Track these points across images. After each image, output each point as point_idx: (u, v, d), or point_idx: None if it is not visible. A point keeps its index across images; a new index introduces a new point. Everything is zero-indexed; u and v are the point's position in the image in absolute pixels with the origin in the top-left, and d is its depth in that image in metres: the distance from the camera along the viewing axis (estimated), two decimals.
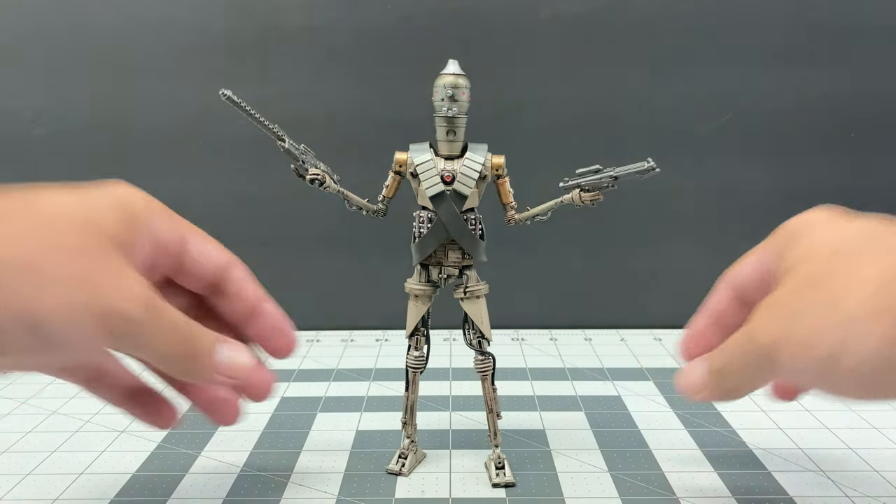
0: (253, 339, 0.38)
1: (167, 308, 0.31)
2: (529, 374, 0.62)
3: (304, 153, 0.41)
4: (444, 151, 0.42)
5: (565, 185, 0.43)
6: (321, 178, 0.40)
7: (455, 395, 0.58)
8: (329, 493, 0.43)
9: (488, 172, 0.42)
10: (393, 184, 0.44)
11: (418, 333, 0.45)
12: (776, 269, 0.36)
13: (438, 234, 0.42)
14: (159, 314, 0.31)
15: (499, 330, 0.73)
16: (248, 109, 0.39)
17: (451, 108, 0.40)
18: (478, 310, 0.44)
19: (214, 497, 0.43)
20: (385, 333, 0.73)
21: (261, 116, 0.40)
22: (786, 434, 0.51)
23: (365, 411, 0.55)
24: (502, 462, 0.45)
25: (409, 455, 0.46)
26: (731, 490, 0.43)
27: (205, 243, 0.36)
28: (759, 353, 0.32)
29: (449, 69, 0.41)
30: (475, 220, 0.43)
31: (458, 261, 0.43)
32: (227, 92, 0.38)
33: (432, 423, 0.53)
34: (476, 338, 0.44)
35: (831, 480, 0.45)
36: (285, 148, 0.40)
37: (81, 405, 0.56)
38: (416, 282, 0.44)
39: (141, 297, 0.30)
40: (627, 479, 0.45)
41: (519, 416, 0.54)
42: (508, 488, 0.44)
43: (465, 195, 0.42)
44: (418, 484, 0.44)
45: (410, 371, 0.46)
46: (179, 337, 0.32)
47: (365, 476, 0.45)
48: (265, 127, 0.40)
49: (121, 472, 0.46)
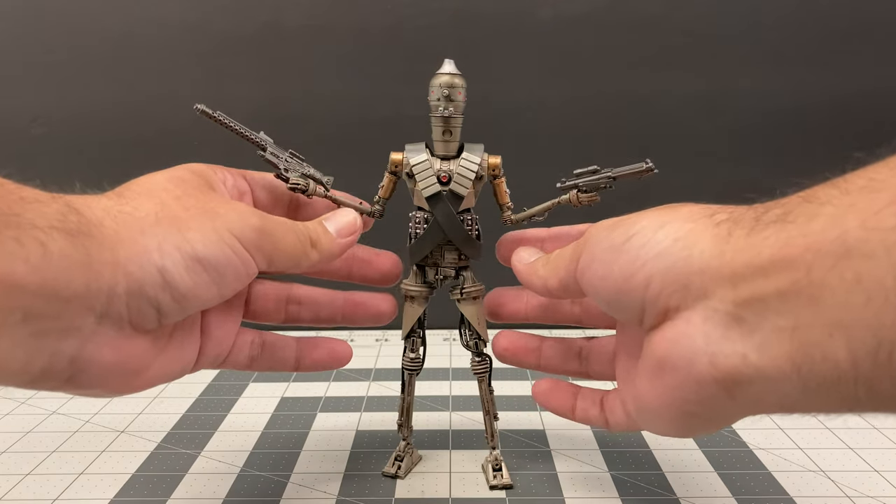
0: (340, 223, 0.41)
1: (271, 215, 0.35)
2: (529, 374, 0.62)
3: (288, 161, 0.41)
4: (440, 151, 0.42)
5: (563, 185, 0.43)
6: (302, 187, 0.40)
7: (455, 395, 0.58)
8: (329, 493, 0.43)
9: (485, 173, 0.42)
10: (388, 184, 0.44)
11: (414, 335, 0.45)
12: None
13: (435, 234, 0.42)
14: (273, 219, 0.35)
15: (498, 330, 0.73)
16: (224, 121, 0.39)
17: (447, 108, 0.40)
18: (474, 311, 0.44)
19: (214, 497, 0.43)
20: (385, 333, 0.73)
21: (240, 127, 0.40)
22: (786, 434, 0.51)
23: (365, 411, 0.55)
24: (499, 464, 0.45)
25: (405, 457, 0.46)
26: (731, 490, 0.43)
27: (263, 175, 0.41)
28: (574, 257, 0.34)
29: (445, 69, 0.41)
30: (472, 221, 0.43)
31: (454, 262, 0.43)
32: (200, 106, 0.39)
33: (432, 423, 0.53)
34: (473, 339, 0.44)
35: (831, 480, 0.44)
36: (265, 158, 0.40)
37: (81, 405, 0.56)
38: (412, 283, 0.44)
39: (252, 210, 0.34)
40: (627, 479, 0.45)
41: (519, 416, 0.54)
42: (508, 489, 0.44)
43: (462, 196, 0.42)
44: (418, 484, 0.44)
45: (406, 373, 0.45)
46: (295, 230, 0.36)
47: (365, 476, 0.45)
48: (245, 136, 0.40)
49: (121, 472, 0.46)
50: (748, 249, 0.26)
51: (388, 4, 0.69)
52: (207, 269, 0.31)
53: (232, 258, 0.32)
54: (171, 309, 0.30)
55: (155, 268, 0.29)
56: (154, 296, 0.29)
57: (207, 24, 0.69)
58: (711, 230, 0.28)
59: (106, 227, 0.29)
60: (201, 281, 0.31)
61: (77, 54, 0.70)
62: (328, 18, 0.69)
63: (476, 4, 0.69)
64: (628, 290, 0.30)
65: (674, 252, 0.28)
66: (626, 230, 0.31)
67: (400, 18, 0.69)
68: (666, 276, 0.28)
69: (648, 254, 0.29)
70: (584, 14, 0.69)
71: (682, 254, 0.28)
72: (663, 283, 0.28)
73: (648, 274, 0.29)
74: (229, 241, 0.32)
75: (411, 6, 0.69)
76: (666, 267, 0.28)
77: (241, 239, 0.32)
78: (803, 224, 0.25)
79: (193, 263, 0.30)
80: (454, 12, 0.69)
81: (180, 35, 0.69)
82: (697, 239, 0.28)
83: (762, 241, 0.25)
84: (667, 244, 0.28)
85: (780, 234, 0.25)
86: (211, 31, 0.69)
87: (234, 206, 0.34)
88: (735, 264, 0.26)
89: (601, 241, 0.32)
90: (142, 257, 0.29)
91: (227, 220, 0.32)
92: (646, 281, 0.29)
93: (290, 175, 0.40)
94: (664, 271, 0.28)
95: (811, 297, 0.24)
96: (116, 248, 0.29)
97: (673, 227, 0.29)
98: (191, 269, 0.30)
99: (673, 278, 0.28)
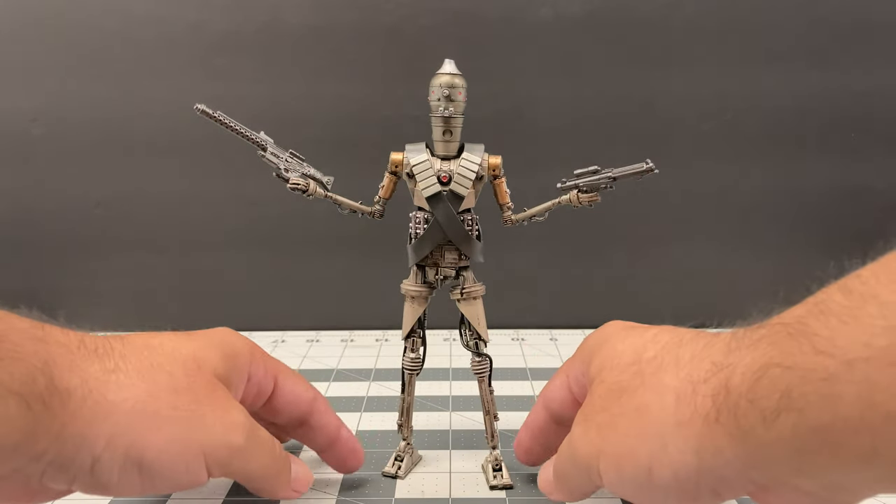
0: (329, 460, 0.44)
1: (262, 431, 0.35)
2: (529, 374, 0.62)
3: (288, 161, 0.41)
4: (440, 152, 0.42)
5: (563, 185, 0.43)
6: (302, 188, 0.40)
7: (455, 395, 0.58)
8: (329, 494, 0.43)
9: (485, 173, 0.42)
10: (389, 184, 0.44)
11: (414, 335, 0.45)
12: (585, 383, 0.37)
13: (435, 234, 0.42)
14: (259, 439, 0.35)
15: (499, 330, 0.73)
16: (225, 121, 0.39)
17: (448, 108, 0.40)
18: (475, 311, 0.44)
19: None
20: (385, 333, 0.73)
21: (240, 127, 0.40)
22: None
23: (365, 411, 0.55)
24: (500, 464, 0.45)
25: (405, 457, 0.46)
26: None
27: (295, 383, 0.41)
28: (582, 464, 0.33)
29: (445, 69, 0.41)
30: (472, 221, 0.43)
31: (454, 262, 0.43)
32: (200, 106, 0.39)
33: (432, 423, 0.53)
34: (473, 339, 0.44)
35: None
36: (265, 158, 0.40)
37: None
38: (412, 283, 0.44)
39: (244, 425, 0.34)
40: None
41: (519, 416, 0.54)
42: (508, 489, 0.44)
43: (462, 196, 0.42)
44: (418, 484, 0.44)
45: (406, 373, 0.45)
46: (273, 456, 0.36)
47: (365, 476, 0.45)
48: (245, 136, 0.40)
49: None
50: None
51: (388, 4, 0.69)
52: (143, 474, 0.30)
53: (180, 472, 0.31)
54: (83, 489, 0.31)
55: (90, 455, 0.29)
56: (73, 476, 0.29)
57: (207, 24, 0.69)
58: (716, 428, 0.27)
59: (73, 400, 0.29)
60: (128, 482, 0.30)
61: (77, 54, 0.69)
62: (328, 18, 0.69)
63: (476, 4, 0.69)
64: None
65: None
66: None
67: (400, 18, 0.69)
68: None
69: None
70: (584, 14, 0.69)
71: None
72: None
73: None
74: (190, 458, 0.31)
75: (411, 6, 0.69)
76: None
77: (208, 456, 0.32)
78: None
79: (131, 467, 0.30)
80: (454, 12, 0.69)
81: (180, 35, 0.69)
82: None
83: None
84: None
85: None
86: (211, 31, 0.69)
87: (226, 415, 0.33)
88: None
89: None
90: (85, 439, 0.29)
91: (205, 435, 0.32)
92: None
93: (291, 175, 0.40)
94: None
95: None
96: (67, 424, 0.28)
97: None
98: (126, 470, 0.30)
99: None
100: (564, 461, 0.35)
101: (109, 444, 0.29)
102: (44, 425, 0.28)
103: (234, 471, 0.34)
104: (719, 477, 0.27)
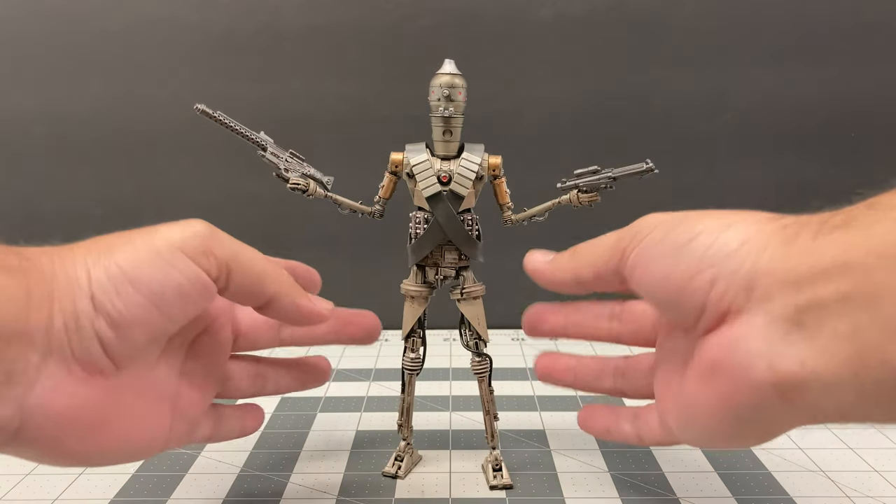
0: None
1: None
2: (529, 374, 0.62)
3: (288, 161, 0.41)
4: (440, 152, 0.42)
5: (563, 185, 0.43)
6: (302, 188, 0.40)
7: (455, 395, 0.58)
8: (329, 494, 0.43)
9: (485, 173, 0.42)
10: (389, 184, 0.44)
11: (414, 335, 0.45)
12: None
13: (435, 234, 0.42)
14: (228, 237, 0.32)
15: (499, 330, 0.73)
16: (225, 121, 0.39)
17: (448, 108, 0.40)
18: (475, 311, 0.44)
19: (214, 497, 0.43)
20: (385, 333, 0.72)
21: (240, 127, 0.40)
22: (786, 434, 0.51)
23: (365, 411, 0.55)
24: (499, 464, 0.45)
25: (405, 457, 0.46)
26: (731, 490, 0.43)
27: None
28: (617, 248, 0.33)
29: (445, 69, 0.41)
30: (472, 221, 0.43)
31: (454, 262, 0.43)
32: (200, 106, 0.39)
33: (432, 423, 0.53)
34: (473, 339, 0.44)
35: (831, 480, 0.44)
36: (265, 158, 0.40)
37: None
38: (412, 283, 0.44)
39: (199, 221, 0.31)
40: (627, 479, 0.45)
41: (519, 416, 0.54)
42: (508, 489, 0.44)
43: (462, 196, 0.42)
44: (418, 484, 0.44)
45: (406, 373, 0.46)
46: (259, 253, 0.33)
47: (365, 476, 0.45)
48: (245, 136, 0.40)
49: (121, 471, 0.46)
50: (813, 253, 0.25)
51: (388, 4, 0.69)
52: (140, 289, 0.29)
53: (171, 273, 0.29)
54: (112, 339, 0.28)
55: (86, 296, 0.28)
56: (90, 326, 0.28)
57: (207, 24, 0.69)
58: (779, 233, 0.27)
59: (43, 263, 0.28)
60: (134, 303, 0.28)
61: (77, 54, 0.70)
62: (328, 18, 0.69)
63: (476, 4, 0.69)
64: (692, 290, 0.29)
65: (742, 254, 0.27)
66: (690, 229, 0.30)
67: (400, 18, 0.69)
68: (733, 278, 0.27)
69: (716, 255, 0.28)
70: (584, 14, 0.69)
71: (750, 256, 0.27)
72: (728, 285, 0.27)
73: (715, 275, 0.28)
74: (167, 256, 0.29)
75: (411, 6, 0.69)
76: (733, 269, 0.27)
77: (183, 248, 0.30)
78: (866, 229, 0.24)
79: (123, 285, 0.28)
80: (454, 12, 0.69)
81: (180, 35, 0.69)
82: (766, 242, 0.27)
83: (826, 245, 0.25)
84: (734, 246, 0.28)
85: (843, 238, 0.25)
86: (211, 31, 0.69)
87: (183, 225, 0.31)
88: (800, 268, 0.25)
89: (660, 239, 0.31)
90: (73, 288, 0.28)
91: (166, 234, 0.30)
92: (711, 282, 0.28)
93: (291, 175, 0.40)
94: (731, 273, 0.27)
95: (871, 300, 0.23)
96: (51, 283, 0.28)
97: (741, 229, 0.28)
98: (121, 292, 0.28)
99: (740, 281, 0.27)
100: (599, 240, 0.35)
101: (90, 277, 0.28)
102: (36, 291, 0.27)
103: (223, 256, 0.31)
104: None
